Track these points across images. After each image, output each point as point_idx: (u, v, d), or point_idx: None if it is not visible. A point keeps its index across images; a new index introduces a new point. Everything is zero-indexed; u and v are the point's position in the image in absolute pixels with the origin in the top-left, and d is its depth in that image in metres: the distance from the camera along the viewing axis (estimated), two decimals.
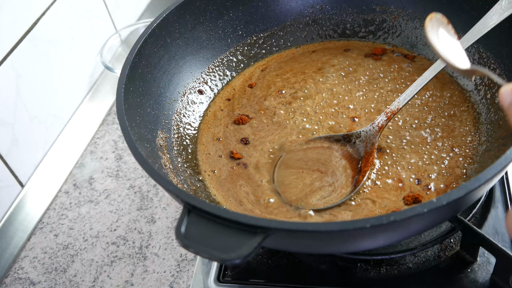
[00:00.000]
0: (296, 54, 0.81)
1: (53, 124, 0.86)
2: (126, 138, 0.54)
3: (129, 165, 0.83)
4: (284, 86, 0.76)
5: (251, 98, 0.75)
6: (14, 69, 0.76)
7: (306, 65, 0.78)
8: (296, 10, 0.81)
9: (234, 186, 0.64)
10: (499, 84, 0.41)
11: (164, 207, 0.76)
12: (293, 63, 0.79)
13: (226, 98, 0.76)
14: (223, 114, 0.74)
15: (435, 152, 0.63)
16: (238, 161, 0.67)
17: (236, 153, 0.68)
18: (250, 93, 0.76)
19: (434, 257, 0.62)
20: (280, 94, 0.74)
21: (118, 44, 0.97)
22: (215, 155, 0.68)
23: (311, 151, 0.66)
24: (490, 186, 0.54)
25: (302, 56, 0.80)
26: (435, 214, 0.46)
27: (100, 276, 0.69)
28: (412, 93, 0.63)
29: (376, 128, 0.64)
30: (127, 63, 0.62)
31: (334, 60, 0.78)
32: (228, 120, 0.73)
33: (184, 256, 0.70)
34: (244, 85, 0.77)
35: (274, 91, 0.75)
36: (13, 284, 0.70)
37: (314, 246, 0.52)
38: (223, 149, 0.69)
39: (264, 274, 0.63)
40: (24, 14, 0.78)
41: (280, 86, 0.76)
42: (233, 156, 0.68)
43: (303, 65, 0.78)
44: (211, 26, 0.76)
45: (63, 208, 0.79)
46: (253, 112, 0.73)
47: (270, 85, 0.76)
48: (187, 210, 0.46)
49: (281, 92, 0.74)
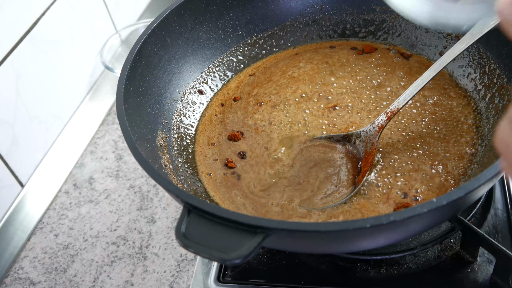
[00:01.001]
0: (279, 59, 0.81)
1: (53, 124, 0.86)
2: (126, 138, 0.54)
3: (129, 165, 0.83)
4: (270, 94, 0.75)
5: (238, 113, 0.74)
6: (14, 69, 0.76)
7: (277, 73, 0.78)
8: (296, 10, 0.81)
9: (229, 191, 0.64)
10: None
11: (164, 207, 0.76)
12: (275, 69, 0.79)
13: (220, 103, 0.75)
14: (217, 120, 0.73)
15: (435, 152, 0.63)
16: (232, 170, 0.66)
17: (231, 161, 0.67)
18: (236, 107, 0.75)
19: (434, 257, 0.62)
20: (260, 106, 0.73)
21: (118, 44, 0.97)
22: (211, 158, 0.68)
23: (311, 151, 0.66)
24: (490, 186, 0.54)
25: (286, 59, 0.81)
26: (435, 214, 0.46)
27: (100, 276, 0.69)
28: (412, 93, 0.63)
29: (376, 128, 0.64)
30: (127, 63, 0.62)
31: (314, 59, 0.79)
32: (222, 128, 0.72)
33: (184, 256, 0.70)
34: (231, 97, 0.76)
35: (254, 105, 0.74)
36: (13, 284, 0.70)
37: (314, 246, 0.52)
38: (218, 153, 0.69)
39: (264, 274, 0.63)
40: (24, 14, 0.78)
41: (262, 98, 0.75)
42: (227, 164, 0.67)
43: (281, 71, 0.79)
44: (211, 26, 0.76)
45: (63, 208, 0.79)
46: (244, 127, 0.72)
47: (256, 99, 0.75)
48: (187, 210, 0.46)
49: (260, 105, 0.73)
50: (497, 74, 0.66)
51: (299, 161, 0.65)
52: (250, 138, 0.70)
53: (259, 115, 0.72)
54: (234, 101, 0.75)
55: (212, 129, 0.72)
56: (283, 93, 0.74)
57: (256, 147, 0.68)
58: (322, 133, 0.68)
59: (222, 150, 0.69)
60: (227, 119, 0.73)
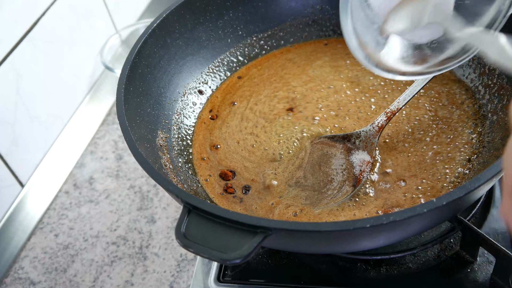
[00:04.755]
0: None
1: (53, 124, 0.86)
2: (126, 138, 0.54)
3: (129, 165, 0.83)
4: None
5: (223, 129, 0.71)
6: (14, 69, 0.76)
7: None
8: (296, 10, 0.81)
9: (227, 199, 0.64)
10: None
11: (164, 207, 0.76)
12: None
13: (209, 109, 0.74)
14: (207, 132, 0.71)
15: (435, 151, 0.63)
16: (226, 182, 0.64)
17: (226, 174, 0.65)
18: (219, 125, 0.72)
19: (434, 257, 0.62)
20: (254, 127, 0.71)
21: (118, 44, 0.97)
22: (208, 160, 0.68)
23: (311, 151, 0.66)
24: (490, 186, 0.54)
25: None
26: (435, 214, 0.46)
27: (100, 276, 0.69)
28: (412, 93, 0.63)
29: (376, 128, 0.64)
30: (127, 63, 0.62)
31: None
32: (210, 143, 0.70)
33: (184, 256, 0.70)
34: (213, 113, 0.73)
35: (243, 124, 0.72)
36: (13, 284, 0.70)
37: (314, 246, 0.52)
38: (213, 160, 0.68)
39: (264, 274, 0.63)
40: (24, 14, 0.78)
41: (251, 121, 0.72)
42: (222, 175, 0.65)
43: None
44: (211, 26, 0.76)
45: (63, 208, 0.79)
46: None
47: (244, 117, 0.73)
48: (187, 210, 0.46)
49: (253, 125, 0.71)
50: (497, 74, 0.66)
51: (298, 160, 0.65)
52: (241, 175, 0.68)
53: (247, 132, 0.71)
54: (212, 119, 0.74)
55: (207, 135, 0.71)
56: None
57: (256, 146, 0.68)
58: (325, 130, 0.68)
59: (213, 164, 0.69)
60: (214, 135, 0.72)
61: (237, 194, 0.63)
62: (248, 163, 0.66)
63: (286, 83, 0.76)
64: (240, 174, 0.65)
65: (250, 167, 0.65)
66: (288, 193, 0.62)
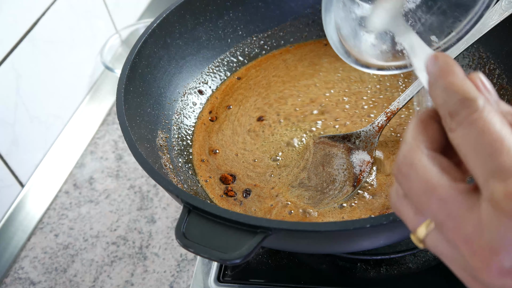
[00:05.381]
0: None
1: (53, 124, 0.86)
2: (126, 138, 0.54)
3: (129, 165, 0.83)
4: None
5: (219, 134, 0.71)
6: (14, 69, 0.76)
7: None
8: (296, 10, 0.81)
9: (227, 201, 0.63)
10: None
11: (164, 207, 0.76)
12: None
13: (208, 111, 0.74)
14: (206, 135, 0.71)
15: None
16: (226, 186, 0.64)
17: (226, 178, 0.65)
18: (218, 128, 0.72)
19: (434, 257, 0.62)
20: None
21: (118, 44, 0.97)
22: (208, 163, 0.68)
23: (315, 151, 0.66)
24: None
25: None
26: None
27: (100, 276, 0.69)
28: (412, 93, 0.63)
29: (376, 128, 0.64)
30: (127, 63, 0.62)
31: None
32: (209, 147, 0.69)
33: (184, 256, 0.70)
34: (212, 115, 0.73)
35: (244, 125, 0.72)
36: (13, 284, 0.70)
37: (314, 246, 0.52)
38: (213, 164, 0.68)
39: (264, 274, 0.63)
40: (24, 14, 0.78)
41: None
42: (222, 179, 0.65)
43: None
44: (211, 26, 0.76)
45: (63, 208, 0.79)
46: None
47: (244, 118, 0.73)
48: (187, 210, 0.46)
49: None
50: (497, 74, 0.66)
51: (297, 160, 0.65)
52: (241, 179, 0.67)
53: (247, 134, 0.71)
54: (212, 121, 0.74)
55: (206, 137, 0.71)
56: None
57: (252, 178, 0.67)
58: (325, 131, 0.68)
59: (213, 167, 0.68)
60: (213, 139, 0.72)
61: (238, 197, 0.63)
62: (251, 172, 0.65)
63: (285, 84, 0.76)
64: (240, 180, 0.65)
65: (254, 176, 0.65)
66: (291, 193, 0.62)
